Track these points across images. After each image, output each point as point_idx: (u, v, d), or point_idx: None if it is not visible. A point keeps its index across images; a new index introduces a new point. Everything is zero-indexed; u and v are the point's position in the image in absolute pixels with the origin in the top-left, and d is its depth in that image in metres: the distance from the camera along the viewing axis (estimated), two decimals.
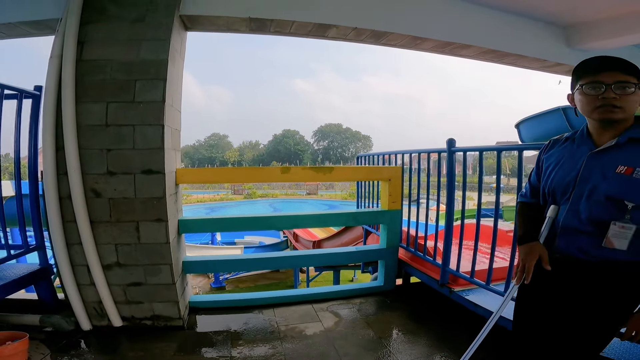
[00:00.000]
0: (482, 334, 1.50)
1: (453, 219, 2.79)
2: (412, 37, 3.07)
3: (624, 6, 2.99)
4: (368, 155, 4.32)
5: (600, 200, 1.20)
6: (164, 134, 2.39)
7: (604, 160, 1.22)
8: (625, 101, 1.17)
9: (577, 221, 1.25)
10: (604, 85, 1.18)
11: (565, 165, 1.32)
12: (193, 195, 34.93)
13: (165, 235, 2.46)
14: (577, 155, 1.30)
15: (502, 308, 1.47)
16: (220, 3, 2.65)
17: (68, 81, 2.28)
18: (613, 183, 1.18)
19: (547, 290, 1.35)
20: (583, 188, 1.24)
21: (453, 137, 2.70)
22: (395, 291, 3.32)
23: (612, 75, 1.17)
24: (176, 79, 2.64)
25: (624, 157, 1.18)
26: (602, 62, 1.21)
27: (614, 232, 1.16)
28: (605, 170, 1.21)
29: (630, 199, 1.14)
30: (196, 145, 72.69)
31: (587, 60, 1.25)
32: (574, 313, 1.26)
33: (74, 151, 2.30)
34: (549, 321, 1.33)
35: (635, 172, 1.14)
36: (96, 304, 2.50)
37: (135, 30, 2.40)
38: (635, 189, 1.14)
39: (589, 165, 1.24)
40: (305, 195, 38.31)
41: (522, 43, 3.32)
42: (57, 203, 2.35)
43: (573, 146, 1.34)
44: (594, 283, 1.22)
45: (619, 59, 1.19)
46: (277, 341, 2.46)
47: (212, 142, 72.56)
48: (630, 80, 1.17)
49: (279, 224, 3.53)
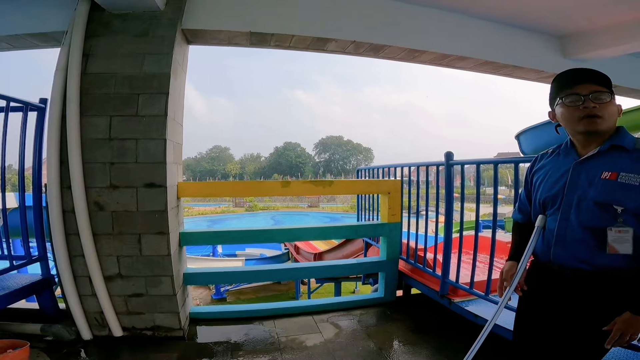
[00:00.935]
0: (477, 343, 1.51)
1: (452, 230, 2.80)
2: (410, 49, 3.12)
3: (619, 15, 3.03)
4: (368, 168, 4.35)
5: (590, 207, 1.22)
6: (166, 148, 2.42)
7: (588, 167, 1.26)
8: (604, 110, 1.21)
9: (571, 230, 1.26)
10: (582, 96, 1.22)
11: (552, 177, 1.36)
12: (195, 207, 35.00)
13: (166, 248, 2.48)
14: (563, 166, 1.34)
15: (496, 317, 1.48)
16: (221, 18, 2.71)
17: (73, 94, 2.32)
18: (599, 189, 1.20)
19: (546, 300, 1.36)
20: (572, 196, 1.27)
21: (451, 151, 2.73)
22: (395, 302, 3.31)
23: (587, 86, 1.22)
24: (178, 93, 2.69)
25: (607, 164, 1.22)
26: (576, 75, 1.26)
27: (613, 238, 1.17)
28: (590, 177, 1.24)
29: (619, 203, 1.16)
30: (198, 157, 72.97)
31: (561, 74, 1.30)
32: (575, 323, 1.26)
33: (77, 165, 2.33)
34: (549, 331, 1.33)
35: (620, 177, 1.17)
36: (97, 314, 2.51)
37: (138, 44, 2.45)
38: (622, 193, 1.16)
39: (575, 174, 1.28)
40: (306, 208, 38.32)
41: (518, 54, 3.37)
42: (61, 216, 2.38)
43: (559, 158, 1.38)
44: (596, 292, 1.23)
45: (591, 71, 1.25)
46: (277, 352, 2.45)
47: (214, 154, 72.85)
48: (604, 90, 1.22)
49: (279, 236, 3.55)
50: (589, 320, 1.23)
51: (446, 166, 2.74)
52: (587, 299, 1.24)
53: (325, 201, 41.62)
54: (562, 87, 1.29)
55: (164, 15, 2.50)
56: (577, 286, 1.26)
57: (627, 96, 4.26)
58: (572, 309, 1.28)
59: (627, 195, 1.16)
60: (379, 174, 3.95)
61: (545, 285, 1.36)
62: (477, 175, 2.49)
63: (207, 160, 70.95)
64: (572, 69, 1.28)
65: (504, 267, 1.53)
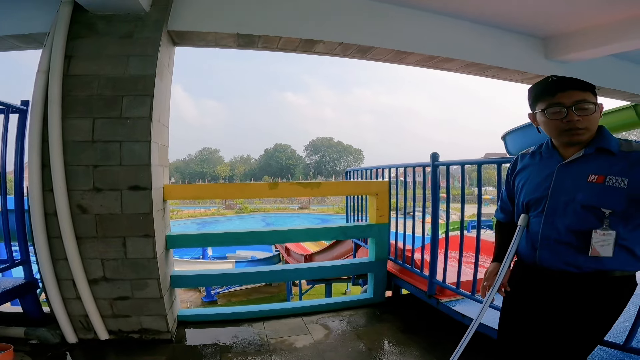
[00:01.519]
0: (462, 342, 1.52)
1: (438, 231, 2.82)
2: (397, 51, 3.14)
3: (600, 17, 3.08)
4: (356, 169, 4.37)
5: (577, 210, 1.22)
6: (151, 150, 2.39)
7: (574, 170, 1.26)
8: (588, 122, 1.21)
9: (556, 232, 1.27)
10: (565, 108, 1.21)
11: (535, 179, 1.36)
12: (184, 210, 34.68)
13: (152, 251, 2.45)
14: (546, 168, 1.34)
15: (480, 316, 1.49)
16: (208, 19, 2.69)
17: (55, 96, 2.28)
18: (587, 192, 1.21)
19: (531, 300, 1.37)
20: (557, 199, 1.27)
21: (437, 152, 2.76)
22: (385, 303, 3.33)
23: (569, 95, 1.21)
24: (164, 95, 2.66)
25: (593, 167, 1.22)
26: (557, 83, 1.24)
27: (597, 240, 1.19)
28: (577, 181, 1.24)
29: (607, 206, 1.17)
30: (187, 159, 72.40)
31: (541, 82, 1.29)
32: (560, 324, 1.27)
33: (59, 168, 2.29)
34: (533, 330, 1.34)
35: (607, 180, 1.18)
36: (82, 318, 2.48)
37: (123, 45, 2.42)
38: (609, 196, 1.17)
39: (560, 176, 1.28)
40: (297, 210, 38.27)
41: (503, 56, 3.41)
42: (43, 219, 2.34)
43: (541, 159, 1.38)
44: (581, 294, 1.24)
45: (573, 79, 1.23)
46: (267, 354, 2.45)
47: (204, 156, 72.34)
48: (587, 98, 1.20)
49: (268, 238, 3.54)
50: (575, 320, 1.24)
51: (432, 167, 2.77)
52: (574, 300, 1.25)
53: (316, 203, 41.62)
54: (543, 95, 1.27)
55: (149, 17, 2.47)
56: (564, 288, 1.27)
57: (608, 97, 4.35)
58: (557, 310, 1.29)
59: (615, 198, 1.17)
60: (368, 176, 3.96)
61: (530, 285, 1.38)
62: (462, 176, 2.52)
63: (197, 162, 70.41)
64: (553, 78, 1.26)
65: (488, 269, 1.54)
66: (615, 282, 1.22)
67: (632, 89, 4.13)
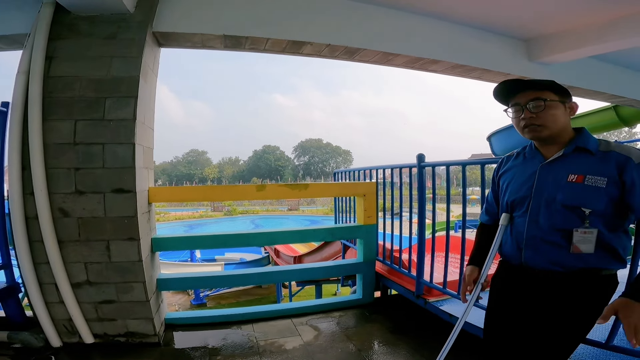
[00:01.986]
0: (448, 342, 1.53)
1: (425, 231, 2.85)
2: (384, 53, 3.16)
3: (580, 19, 3.14)
4: (344, 171, 4.39)
5: (558, 209, 1.25)
6: (135, 152, 2.36)
7: (555, 170, 1.28)
8: (544, 118, 1.25)
9: (540, 232, 1.29)
10: (521, 107, 1.28)
11: (519, 179, 1.39)
12: (171, 212, 34.31)
13: (137, 254, 2.42)
14: (529, 168, 1.37)
15: (464, 316, 1.50)
16: (194, 20, 2.66)
17: (35, 98, 2.24)
18: (567, 192, 1.23)
19: (516, 300, 1.39)
20: (540, 199, 1.29)
21: (423, 153, 2.79)
22: (374, 304, 3.34)
23: (525, 95, 1.28)
24: (149, 96, 2.63)
25: (573, 166, 1.25)
26: (515, 85, 1.31)
27: (578, 238, 1.21)
28: (557, 180, 1.26)
29: (587, 205, 1.20)
30: (174, 161, 71.67)
31: (502, 84, 1.34)
32: (545, 322, 1.29)
33: (40, 170, 2.25)
34: (518, 330, 1.36)
35: (587, 179, 1.20)
36: (66, 322, 2.44)
37: (106, 47, 2.38)
38: (589, 195, 1.19)
39: (542, 176, 1.31)
40: (286, 211, 38.19)
41: (487, 57, 3.46)
42: (24, 223, 2.29)
43: (525, 160, 1.41)
44: (567, 293, 1.26)
45: (529, 80, 1.29)
46: (256, 356, 2.44)
47: (191, 158, 71.69)
48: (542, 96, 1.25)
49: (255, 240, 3.51)
50: (560, 319, 1.26)
51: (418, 168, 2.79)
52: (559, 298, 1.27)
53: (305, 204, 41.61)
54: (505, 97, 1.35)
55: (134, 18, 2.44)
56: (549, 287, 1.29)
57: (589, 98, 4.45)
58: (542, 309, 1.30)
59: (594, 197, 1.19)
60: (356, 177, 3.98)
61: (515, 286, 1.39)
62: (447, 176, 2.55)
63: (184, 164, 69.74)
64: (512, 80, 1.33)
65: (465, 272, 1.56)
66: (600, 281, 1.24)
67: (612, 90, 4.24)
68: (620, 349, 1.67)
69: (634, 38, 2.98)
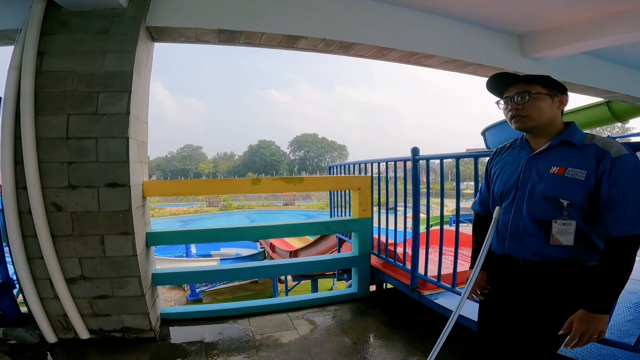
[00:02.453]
0: (443, 335, 1.54)
1: (419, 225, 2.87)
2: (379, 47, 3.16)
3: (571, 15, 3.16)
4: (339, 165, 4.39)
5: (539, 200, 1.27)
6: (129, 147, 2.35)
7: (539, 162, 1.31)
8: (529, 109, 1.28)
9: (522, 222, 1.32)
10: (509, 99, 1.32)
11: (508, 170, 1.41)
12: (166, 208, 34.18)
13: (132, 248, 2.42)
14: (517, 160, 1.39)
15: (458, 309, 1.52)
16: (188, 15, 2.64)
17: (27, 93, 2.22)
18: (548, 183, 1.25)
19: (504, 292, 1.42)
20: (524, 190, 1.32)
21: (417, 146, 2.79)
22: (369, 297, 3.36)
23: (515, 88, 1.31)
24: (142, 91, 2.61)
25: (556, 158, 1.27)
26: (507, 79, 1.34)
27: (557, 230, 1.23)
28: (540, 172, 1.29)
29: (565, 197, 1.21)
30: (168, 156, 71.29)
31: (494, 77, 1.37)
32: (530, 313, 1.31)
33: (33, 165, 2.24)
34: (507, 322, 1.38)
35: (567, 172, 1.22)
36: (61, 317, 2.44)
37: (98, 41, 2.37)
38: (568, 187, 1.21)
39: (528, 168, 1.33)
40: (282, 206, 38.19)
41: (481, 52, 3.48)
42: (17, 218, 2.28)
43: (515, 152, 1.44)
44: (547, 284, 1.28)
45: (517, 75, 1.32)
46: (253, 350, 2.45)
47: (186, 153, 71.32)
48: (530, 90, 1.28)
49: (250, 234, 3.52)
50: (543, 310, 1.28)
51: (412, 161, 2.80)
52: (540, 289, 1.29)
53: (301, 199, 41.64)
54: (496, 90, 1.39)
55: (127, 13, 2.42)
56: (530, 277, 1.31)
57: (581, 93, 4.48)
58: (526, 300, 1.32)
59: (573, 189, 1.20)
60: (351, 171, 3.99)
61: (502, 277, 1.42)
62: (441, 169, 2.58)
63: (179, 159, 69.39)
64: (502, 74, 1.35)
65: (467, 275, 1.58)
66: (585, 272, 1.25)
67: (604, 86, 4.28)
68: (610, 342, 1.69)
69: (625, 34, 3.01)
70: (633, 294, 2.42)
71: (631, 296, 2.40)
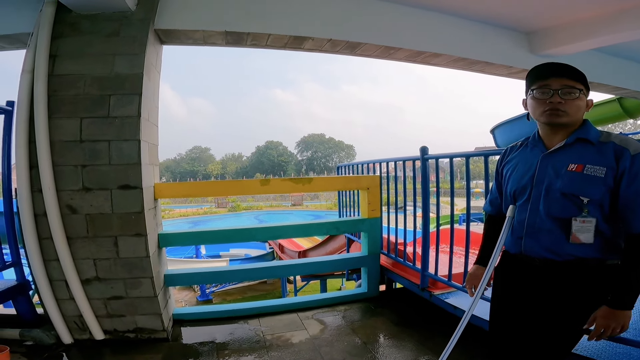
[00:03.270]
0: (455, 335, 1.53)
1: (429, 224, 2.85)
2: (386, 47, 3.16)
3: (582, 12, 3.13)
4: (348, 165, 4.39)
5: (557, 197, 1.25)
6: (141, 149, 2.38)
7: (555, 160, 1.29)
8: (570, 106, 1.24)
9: (539, 219, 1.30)
10: (552, 90, 1.25)
11: (521, 169, 1.39)
12: (176, 209, 34.44)
13: (145, 249, 2.45)
14: (530, 158, 1.37)
15: (471, 309, 1.50)
16: (195, 17, 2.67)
17: (40, 96, 2.26)
18: (566, 180, 1.23)
19: (518, 290, 1.40)
20: (540, 187, 1.30)
21: (426, 145, 2.78)
22: (379, 297, 3.35)
23: (560, 80, 1.25)
24: (152, 93, 2.65)
25: (573, 156, 1.25)
26: (551, 68, 1.28)
27: (577, 228, 1.21)
28: (557, 169, 1.27)
29: (585, 194, 1.20)
30: (177, 158, 71.81)
31: (538, 66, 1.32)
32: (545, 312, 1.29)
33: (48, 168, 2.27)
34: (521, 321, 1.37)
35: (586, 169, 1.21)
36: (77, 318, 2.48)
37: (109, 44, 2.40)
38: (588, 184, 1.20)
39: (543, 165, 1.31)
40: (290, 207, 38.25)
41: (489, 50, 3.45)
42: (33, 220, 2.32)
43: (527, 150, 1.42)
44: (564, 282, 1.26)
45: (567, 66, 1.27)
46: (263, 350, 2.46)
47: (194, 155, 71.79)
48: (576, 86, 1.24)
49: (259, 235, 3.54)
50: (559, 309, 1.27)
51: (422, 160, 2.79)
52: (557, 288, 1.27)
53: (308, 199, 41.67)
54: (536, 79, 1.30)
55: (135, 16, 2.45)
56: (547, 276, 1.30)
57: (593, 90, 4.41)
58: (542, 298, 1.31)
59: (593, 186, 1.19)
60: (359, 170, 3.98)
61: (516, 275, 1.40)
62: (451, 168, 2.56)
63: (187, 161, 69.88)
64: (549, 62, 1.31)
65: (470, 270, 1.58)
66: (605, 271, 1.24)
67: (616, 83, 4.22)
68: (625, 340, 1.66)
69: (636, 31, 2.97)
70: None
71: None
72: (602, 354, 1.74)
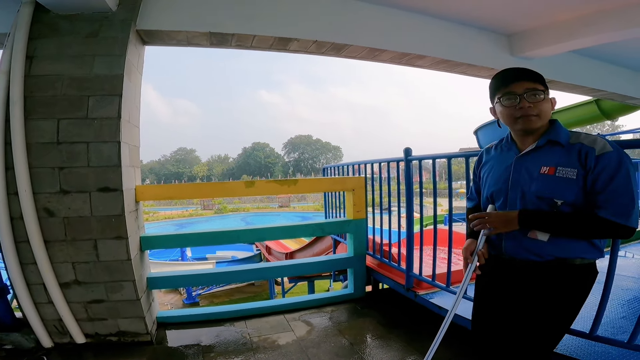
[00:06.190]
0: (439, 334, 1.53)
1: (413, 225, 2.88)
2: (371, 48, 3.18)
3: (561, 14, 3.20)
4: (333, 166, 4.41)
5: (533, 200, 1.28)
6: (121, 151, 2.34)
7: (528, 162, 1.32)
8: (539, 108, 1.26)
9: None
10: (517, 96, 1.27)
11: (497, 171, 1.42)
12: (161, 212, 33.96)
13: (126, 252, 2.41)
14: (505, 160, 1.40)
15: (454, 308, 1.50)
16: (179, 18, 2.64)
17: (17, 97, 2.20)
18: (540, 183, 1.26)
19: (499, 291, 1.42)
20: (516, 190, 1.33)
21: (410, 147, 2.81)
22: (365, 298, 3.37)
23: (521, 84, 1.27)
24: (133, 94, 2.60)
25: (545, 158, 1.28)
26: (511, 74, 1.31)
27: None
28: (530, 172, 1.30)
29: (558, 196, 1.23)
30: (162, 160, 70.89)
31: (497, 74, 1.35)
32: (527, 312, 1.31)
33: (24, 170, 2.21)
34: (503, 320, 1.38)
35: (558, 171, 1.23)
36: (56, 322, 2.43)
37: (88, 45, 2.35)
38: (560, 186, 1.22)
39: (517, 168, 1.34)
40: (277, 208, 38.15)
41: (471, 53, 3.51)
42: (9, 223, 2.26)
43: (502, 152, 1.44)
44: (545, 282, 1.28)
45: (525, 69, 1.30)
46: (250, 352, 2.45)
47: (179, 157, 70.98)
48: (537, 87, 1.26)
49: (245, 237, 3.50)
50: (541, 308, 1.28)
51: (405, 161, 2.81)
52: (538, 287, 1.29)
53: (296, 201, 41.62)
54: (499, 86, 1.33)
55: (116, 16, 2.40)
56: (528, 276, 1.32)
57: (569, 91, 4.54)
58: (523, 298, 1.33)
59: (565, 188, 1.22)
60: (345, 172, 4.00)
61: (498, 276, 1.42)
62: (433, 169, 2.60)
63: (172, 162, 69.04)
64: (506, 69, 1.33)
65: (465, 245, 1.54)
66: (575, 270, 1.26)
67: (593, 84, 4.33)
68: (604, 339, 1.70)
69: (614, 32, 3.05)
70: (626, 291, 2.44)
71: (624, 293, 2.41)
72: (581, 353, 1.77)
